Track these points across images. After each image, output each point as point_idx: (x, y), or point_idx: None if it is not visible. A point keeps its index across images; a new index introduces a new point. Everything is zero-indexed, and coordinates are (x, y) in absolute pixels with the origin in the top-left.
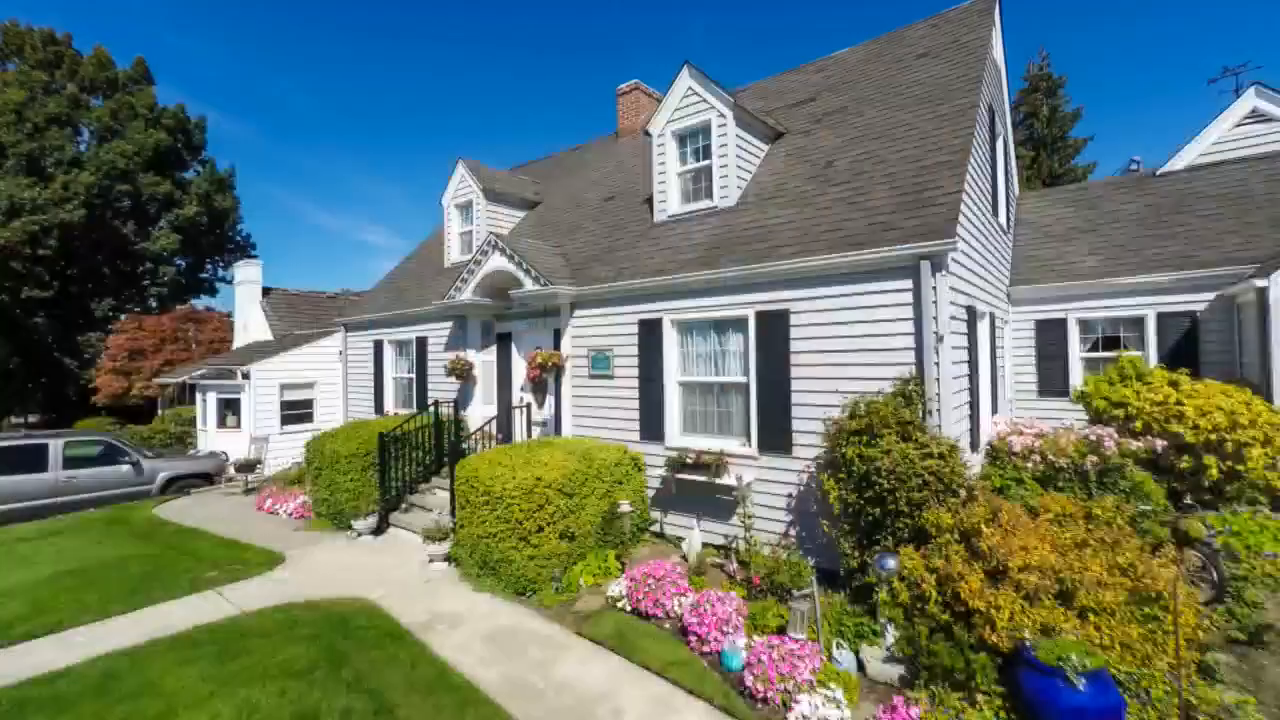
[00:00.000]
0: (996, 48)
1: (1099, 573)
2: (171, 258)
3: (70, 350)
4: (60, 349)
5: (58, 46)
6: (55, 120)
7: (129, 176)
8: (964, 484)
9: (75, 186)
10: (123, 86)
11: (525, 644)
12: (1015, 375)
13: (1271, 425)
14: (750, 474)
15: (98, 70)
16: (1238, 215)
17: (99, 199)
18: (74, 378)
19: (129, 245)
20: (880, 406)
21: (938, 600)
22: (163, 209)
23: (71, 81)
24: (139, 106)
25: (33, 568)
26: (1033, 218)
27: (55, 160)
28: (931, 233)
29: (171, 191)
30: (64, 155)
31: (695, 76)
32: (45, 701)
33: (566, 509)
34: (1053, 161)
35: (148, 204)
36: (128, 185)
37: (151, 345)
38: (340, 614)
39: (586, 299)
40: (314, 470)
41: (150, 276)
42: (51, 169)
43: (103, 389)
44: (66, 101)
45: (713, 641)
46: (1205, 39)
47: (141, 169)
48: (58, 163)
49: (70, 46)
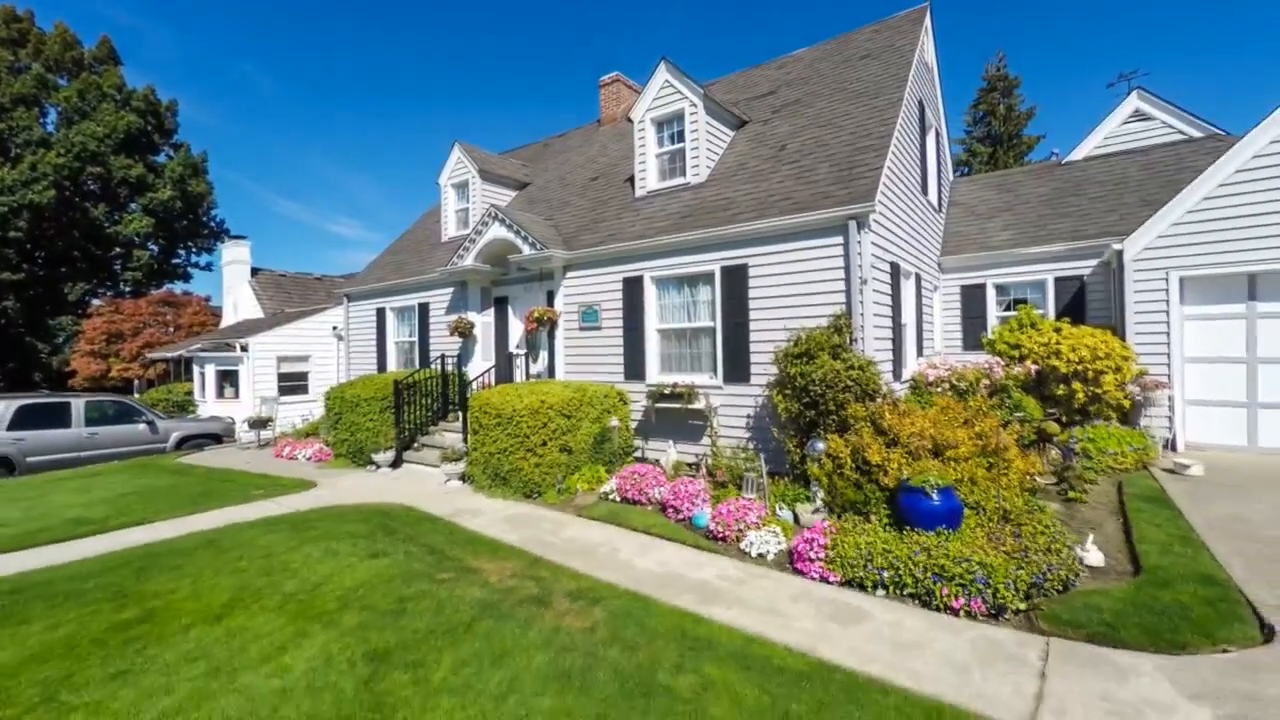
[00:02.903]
0: (928, 52)
1: (960, 437)
2: (145, 242)
3: (39, 333)
4: (30, 333)
5: (20, 24)
6: (22, 100)
7: (99, 159)
8: (877, 389)
9: (43, 167)
10: (89, 66)
11: (537, 521)
12: (945, 332)
13: (1121, 357)
14: (717, 400)
15: (63, 50)
16: (1117, 197)
17: (68, 181)
18: (42, 361)
19: (101, 229)
20: (817, 335)
21: (851, 465)
22: (135, 192)
23: (36, 61)
24: (107, 87)
25: (93, 493)
26: (964, 199)
27: (23, 141)
28: (857, 198)
29: (144, 175)
30: (31, 136)
31: (671, 71)
32: (168, 554)
33: (565, 427)
34: (1008, 157)
35: (119, 187)
36: (98, 168)
37: (130, 328)
38: (381, 509)
39: (578, 262)
40: (333, 416)
41: (123, 261)
42: (19, 149)
43: (81, 371)
44: (33, 81)
45: (685, 510)
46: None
47: (112, 151)
48: (25, 143)
49: (34, 25)
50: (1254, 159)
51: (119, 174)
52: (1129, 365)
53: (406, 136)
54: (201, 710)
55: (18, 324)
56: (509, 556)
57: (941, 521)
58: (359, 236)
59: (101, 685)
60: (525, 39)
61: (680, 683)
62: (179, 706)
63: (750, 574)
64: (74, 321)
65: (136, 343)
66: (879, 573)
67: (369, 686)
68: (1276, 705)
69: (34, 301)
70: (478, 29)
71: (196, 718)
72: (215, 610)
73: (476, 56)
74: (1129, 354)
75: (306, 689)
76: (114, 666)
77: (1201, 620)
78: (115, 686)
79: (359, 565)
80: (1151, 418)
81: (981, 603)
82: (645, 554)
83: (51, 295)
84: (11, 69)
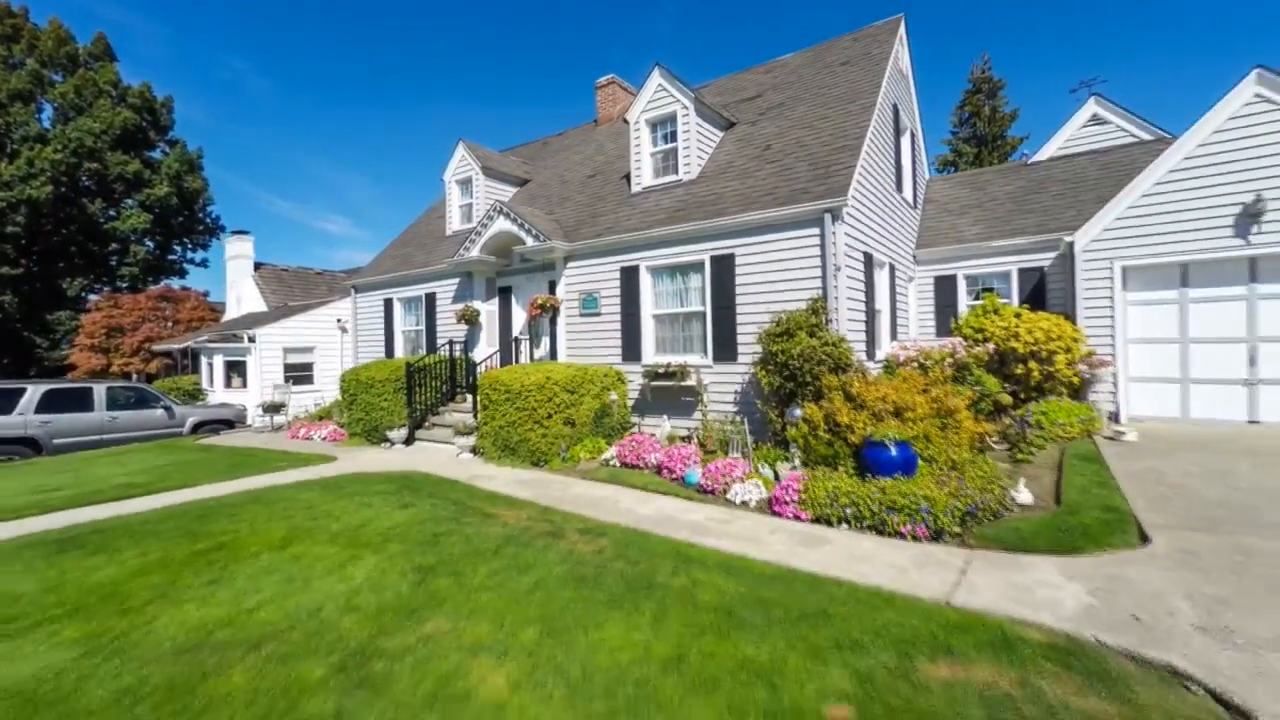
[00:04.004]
0: (903, 60)
1: (918, 401)
2: (142, 238)
3: (37, 328)
4: (27, 327)
5: (15, 19)
6: (18, 96)
7: (96, 155)
8: (849, 363)
9: (41, 163)
10: (84, 63)
11: (546, 483)
12: (919, 319)
13: (1071, 338)
14: (708, 378)
15: (57, 46)
16: (1076, 195)
17: (66, 177)
18: (39, 356)
19: (98, 224)
20: (796, 317)
21: (824, 427)
22: (132, 188)
23: (31, 57)
24: (103, 84)
25: (129, 466)
26: (938, 197)
27: (20, 137)
28: (832, 194)
29: (141, 171)
30: (29, 131)
31: (664, 75)
32: (220, 507)
33: (569, 402)
34: (993, 158)
35: (115, 183)
36: (96, 164)
37: (130, 323)
38: (402, 475)
39: (578, 253)
40: (349, 397)
41: (120, 256)
42: (16, 145)
43: (81, 365)
44: (28, 77)
45: (678, 470)
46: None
47: (109, 147)
48: (23, 139)
49: (28, 20)
50: (1184, 161)
51: (116, 170)
52: (1078, 346)
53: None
54: (289, 601)
55: (15, 319)
56: (523, 507)
57: (898, 469)
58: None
59: (200, 589)
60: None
61: (675, 581)
62: (270, 599)
63: (735, 516)
64: (71, 317)
65: (136, 337)
66: (843, 510)
67: (420, 587)
68: (1130, 583)
69: (31, 297)
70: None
71: (288, 605)
72: (276, 542)
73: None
74: (1079, 336)
75: (371, 588)
76: (206, 577)
77: (1096, 534)
78: (212, 589)
79: (392, 513)
80: (1099, 393)
81: (925, 528)
82: (644, 504)
83: (49, 290)
84: (6, 64)
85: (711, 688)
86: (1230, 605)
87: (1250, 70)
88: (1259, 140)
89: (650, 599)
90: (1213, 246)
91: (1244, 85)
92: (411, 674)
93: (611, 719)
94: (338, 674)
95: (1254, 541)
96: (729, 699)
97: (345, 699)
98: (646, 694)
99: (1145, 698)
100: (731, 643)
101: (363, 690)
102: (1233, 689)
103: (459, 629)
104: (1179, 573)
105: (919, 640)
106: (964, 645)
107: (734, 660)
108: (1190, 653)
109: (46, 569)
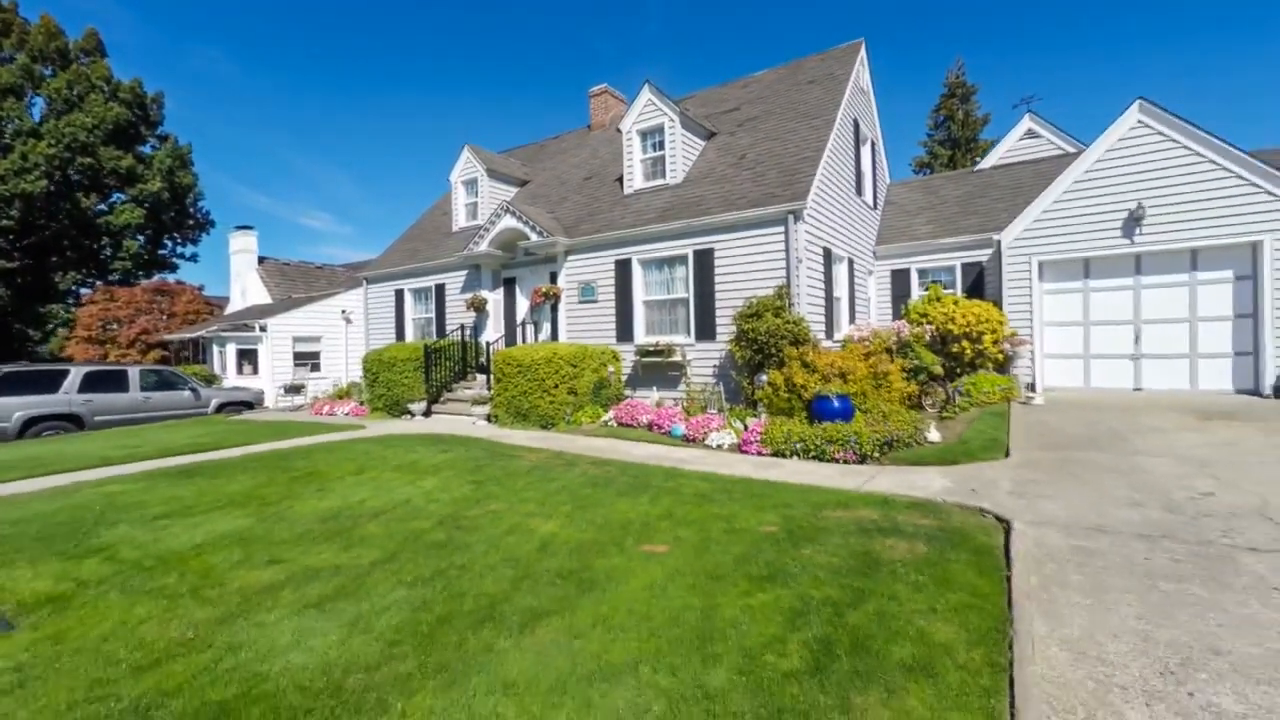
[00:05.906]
0: (864, 79)
1: (859, 366)
2: (134, 232)
3: (28, 320)
4: (18, 319)
5: (5, 13)
6: (10, 91)
7: (89, 149)
8: (807, 338)
9: (34, 157)
10: (75, 58)
11: (556, 439)
12: (878, 307)
13: (998, 321)
14: (691, 354)
15: (47, 40)
16: (1013, 199)
17: (58, 171)
18: (30, 348)
19: (90, 219)
20: (764, 301)
21: (784, 388)
22: (124, 183)
23: (21, 51)
24: (94, 79)
25: (183, 432)
26: (897, 200)
27: (13, 131)
28: (794, 197)
29: (134, 166)
30: (21, 126)
31: (654, 92)
32: (291, 454)
33: (572, 374)
34: (966, 160)
35: (108, 178)
36: (88, 158)
37: (127, 315)
38: (432, 434)
39: (577, 247)
40: (371, 376)
41: (112, 250)
42: (9, 140)
43: (77, 357)
44: (19, 72)
45: (666, 425)
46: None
47: (101, 142)
48: (16, 133)
49: (17, 14)
50: (1085, 174)
51: (108, 165)
52: (1003, 328)
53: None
54: (384, 498)
55: (7, 311)
56: (541, 452)
57: (839, 417)
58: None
59: (313, 495)
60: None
61: (665, 484)
62: (369, 497)
63: (712, 454)
64: (65, 310)
65: (133, 329)
66: (794, 445)
67: (479, 489)
68: (980, 475)
69: (23, 289)
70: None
71: (384, 499)
72: (352, 470)
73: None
74: (1004, 319)
75: (441, 490)
76: (313, 487)
77: (975, 453)
78: (321, 496)
79: (436, 455)
80: (1019, 367)
81: (853, 453)
82: (639, 449)
83: (41, 284)
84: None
85: (689, 524)
86: (1036, 484)
87: (1134, 101)
88: (1141, 158)
89: (647, 493)
90: (1107, 245)
91: (1129, 113)
92: (489, 524)
93: (624, 537)
94: (439, 525)
95: (1079, 454)
96: (700, 527)
97: (452, 533)
98: (647, 525)
99: (956, 519)
100: (703, 508)
101: (460, 530)
102: (1006, 515)
103: (513, 507)
104: (1017, 470)
105: (828, 504)
106: (857, 503)
107: (705, 514)
108: (994, 502)
109: (187, 485)
